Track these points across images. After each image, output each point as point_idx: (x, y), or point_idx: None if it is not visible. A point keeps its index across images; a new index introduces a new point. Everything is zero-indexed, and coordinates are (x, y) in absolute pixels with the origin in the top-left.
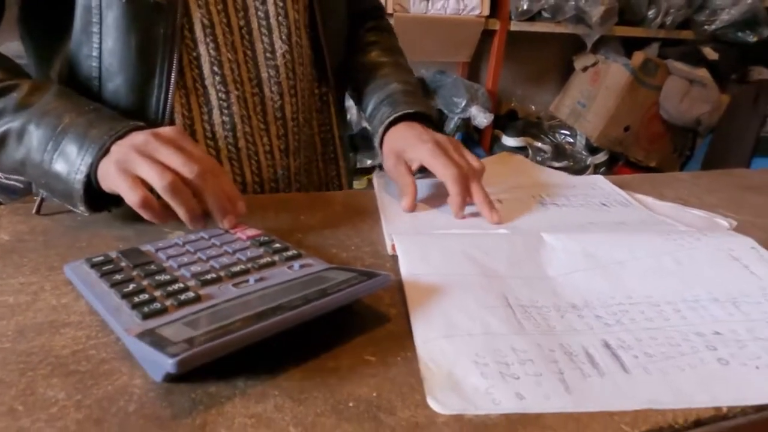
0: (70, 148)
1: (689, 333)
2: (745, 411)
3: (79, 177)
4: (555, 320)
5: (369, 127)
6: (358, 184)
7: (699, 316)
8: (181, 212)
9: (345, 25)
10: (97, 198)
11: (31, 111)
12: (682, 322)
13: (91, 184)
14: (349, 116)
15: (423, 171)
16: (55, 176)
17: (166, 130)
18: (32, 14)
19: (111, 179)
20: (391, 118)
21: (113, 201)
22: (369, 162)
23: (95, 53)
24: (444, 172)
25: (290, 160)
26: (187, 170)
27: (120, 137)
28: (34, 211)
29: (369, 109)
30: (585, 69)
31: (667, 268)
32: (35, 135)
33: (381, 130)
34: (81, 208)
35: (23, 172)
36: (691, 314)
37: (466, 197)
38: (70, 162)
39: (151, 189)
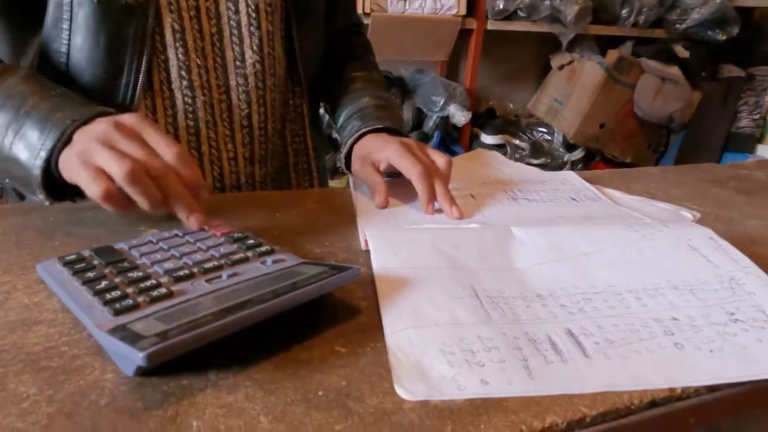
0: (31, 133)
1: (649, 319)
2: (698, 391)
3: (38, 163)
4: (521, 309)
5: (339, 139)
6: (338, 183)
7: (658, 303)
8: (141, 202)
9: (322, 39)
10: (58, 186)
11: None
12: (643, 309)
13: (51, 171)
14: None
15: (391, 176)
16: (15, 161)
17: (128, 119)
18: (8, 3)
19: (72, 171)
20: (360, 132)
21: (75, 190)
22: None
23: (64, 49)
24: (410, 170)
25: (255, 168)
26: (149, 163)
27: (83, 123)
28: None
29: (340, 121)
30: (561, 67)
31: (630, 258)
32: None
33: (350, 142)
34: (40, 196)
35: None
36: (651, 302)
37: (433, 194)
38: (30, 147)
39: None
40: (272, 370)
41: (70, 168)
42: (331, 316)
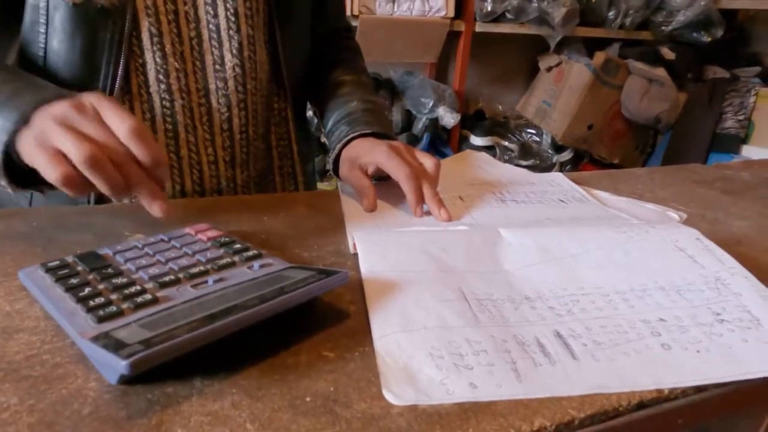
0: None
1: (636, 320)
2: (685, 392)
3: (0, 145)
4: (509, 312)
5: (327, 143)
6: (327, 185)
7: (645, 304)
8: (102, 187)
9: (308, 43)
10: (23, 173)
11: None
12: (630, 310)
13: (12, 157)
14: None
15: (380, 179)
16: None
17: (86, 97)
18: None
19: (30, 153)
20: (349, 137)
21: (42, 179)
22: None
23: (41, 52)
24: (397, 172)
25: (236, 171)
26: (105, 142)
27: (44, 104)
28: None
29: (328, 125)
30: (549, 69)
31: (617, 259)
32: None
33: (338, 147)
34: (2, 183)
35: None
36: (639, 303)
37: (421, 195)
38: None
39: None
40: (259, 376)
41: (28, 150)
42: (319, 321)
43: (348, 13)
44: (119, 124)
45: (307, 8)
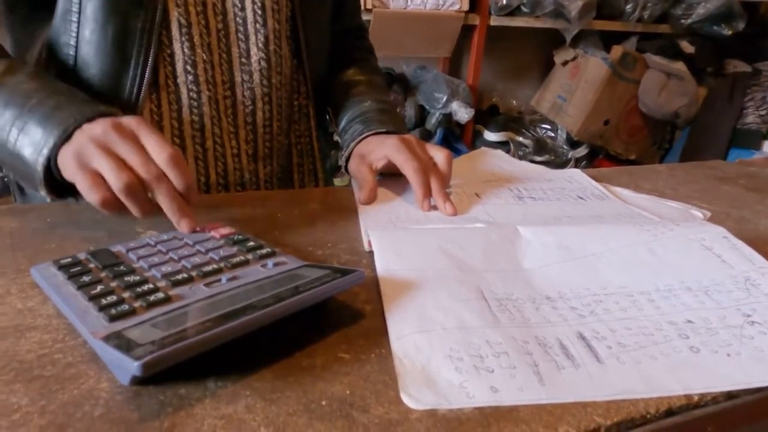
0: (35, 130)
1: (662, 322)
2: (716, 399)
3: (41, 160)
4: (530, 312)
5: (340, 141)
6: (339, 182)
7: (672, 306)
8: (135, 212)
9: (328, 40)
10: (60, 183)
11: (2, 91)
12: (656, 311)
13: (52, 169)
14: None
15: (393, 175)
16: (19, 157)
17: (127, 121)
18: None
19: (70, 172)
20: (363, 136)
21: (77, 189)
22: None
23: (72, 42)
24: (405, 165)
25: (258, 165)
26: (143, 171)
27: (85, 122)
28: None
29: (342, 124)
30: (565, 63)
31: (641, 258)
32: (2, 114)
33: (352, 145)
34: (42, 193)
35: None
36: (665, 303)
37: (429, 189)
38: (33, 144)
39: None
40: (273, 378)
41: (68, 169)
42: (334, 321)
43: (361, 7)
44: (158, 151)
45: (328, 5)
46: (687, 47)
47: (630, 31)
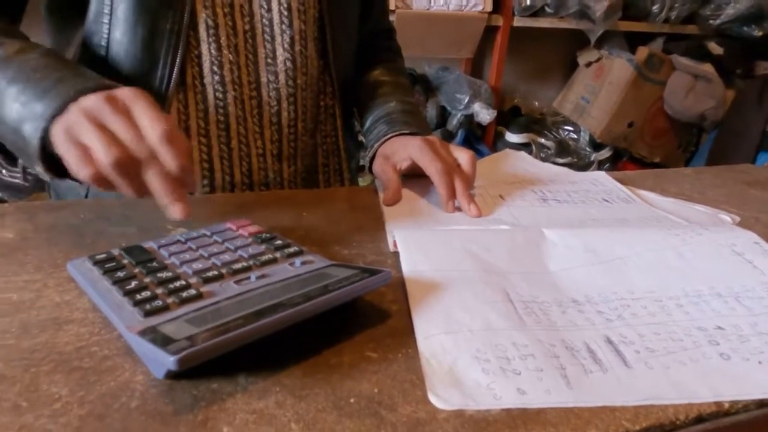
0: (35, 105)
1: (691, 328)
2: (747, 407)
3: (36, 134)
4: (556, 315)
5: (364, 141)
6: (362, 181)
7: (701, 311)
8: (124, 190)
9: (355, 42)
10: (60, 162)
11: (11, 67)
12: (685, 317)
13: (48, 145)
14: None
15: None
16: (19, 133)
17: (122, 92)
18: (55, 2)
19: (60, 147)
20: (388, 136)
21: None
22: None
23: (103, 43)
24: (430, 167)
25: (283, 165)
26: (133, 146)
27: (81, 95)
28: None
29: (366, 124)
30: (588, 65)
31: (669, 263)
32: (8, 91)
33: (377, 146)
34: (38, 170)
35: None
36: (694, 309)
37: (453, 191)
38: (32, 118)
39: None
40: (302, 375)
41: (58, 143)
42: (361, 320)
43: None
44: (150, 127)
45: (355, 7)
46: (715, 48)
47: (656, 32)
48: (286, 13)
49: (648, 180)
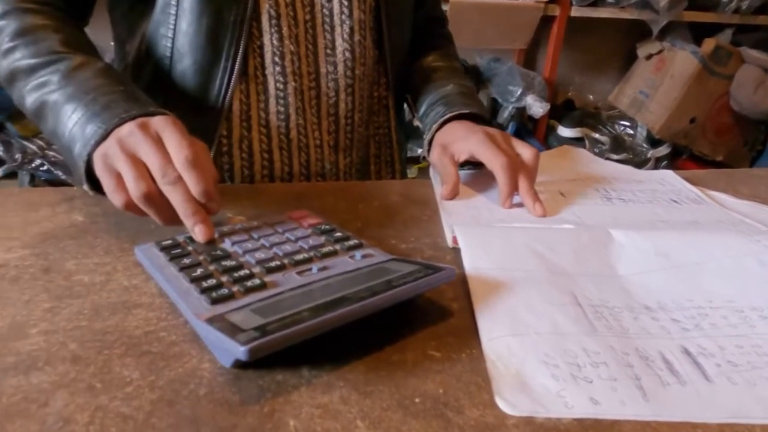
0: (84, 127)
1: None
2: None
3: (83, 156)
4: (628, 322)
5: (420, 126)
6: (411, 173)
7: None
8: (154, 218)
9: (409, 32)
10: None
11: (68, 84)
12: None
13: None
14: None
15: (473, 167)
16: (69, 152)
17: (154, 121)
18: None
19: (98, 172)
20: (446, 117)
21: None
22: (420, 151)
23: (170, 34)
24: (493, 161)
25: (339, 156)
26: (159, 176)
27: (124, 122)
28: None
29: (422, 108)
30: (649, 57)
31: (750, 270)
32: (64, 108)
33: (435, 127)
34: (85, 188)
35: (54, 143)
36: None
37: (515, 187)
38: (81, 140)
39: None
40: (365, 371)
41: (97, 169)
42: (422, 317)
43: None
44: (177, 152)
45: None
46: None
47: (725, 23)
48: (346, 3)
49: (719, 180)
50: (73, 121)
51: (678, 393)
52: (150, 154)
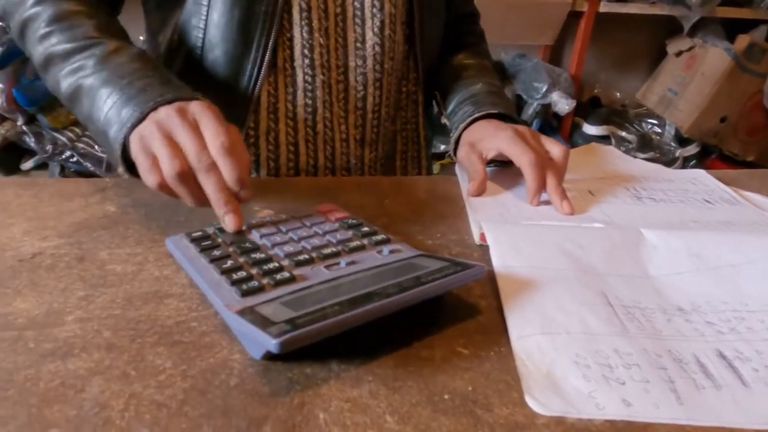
0: (120, 111)
1: None
2: None
3: (120, 139)
4: (661, 323)
5: (448, 124)
6: (435, 169)
7: None
8: (184, 199)
9: (441, 27)
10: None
11: (104, 69)
12: None
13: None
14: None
15: (500, 164)
16: (105, 135)
17: (191, 106)
18: None
19: (134, 153)
20: (474, 116)
21: None
22: (443, 147)
23: (202, 24)
24: (520, 158)
25: (365, 151)
26: (194, 159)
27: (160, 105)
28: None
29: (451, 106)
30: (679, 54)
31: None
32: (99, 92)
33: (462, 126)
34: (120, 170)
35: (89, 128)
36: None
37: (543, 184)
38: (117, 123)
39: None
40: (394, 366)
41: (133, 150)
42: (450, 313)
43: None
44: (213, 138)
45: None
46: None
47: (760, 19)
48: None
49: (753, 180)
50: (108, 105)
51: (713, 397)
52: (186, 138)
